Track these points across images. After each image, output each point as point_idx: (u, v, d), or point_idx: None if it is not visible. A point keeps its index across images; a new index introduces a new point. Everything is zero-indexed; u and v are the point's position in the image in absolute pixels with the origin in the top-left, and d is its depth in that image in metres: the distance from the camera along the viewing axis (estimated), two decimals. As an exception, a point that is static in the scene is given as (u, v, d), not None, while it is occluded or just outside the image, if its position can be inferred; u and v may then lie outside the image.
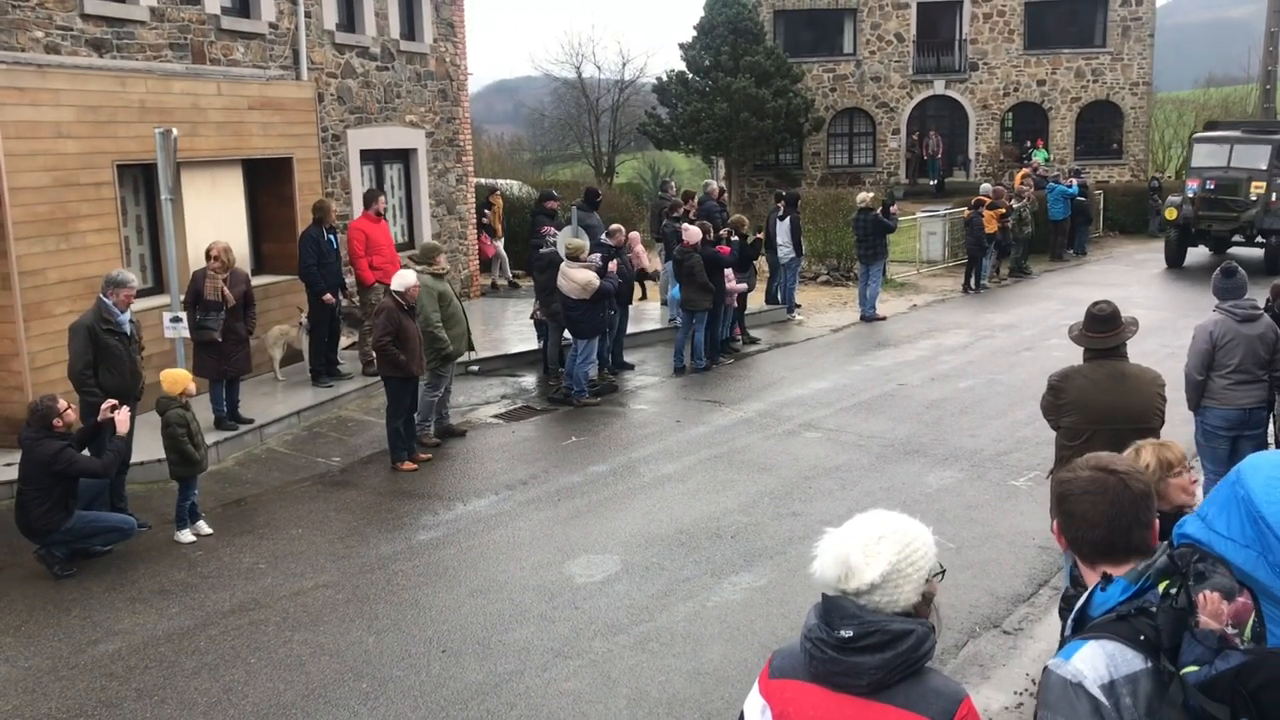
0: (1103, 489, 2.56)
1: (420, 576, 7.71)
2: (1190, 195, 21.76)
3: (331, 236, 12.36)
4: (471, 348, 11.76)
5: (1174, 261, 22.62)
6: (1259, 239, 21.64)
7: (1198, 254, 23.04)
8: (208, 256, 10.51)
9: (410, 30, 16.67)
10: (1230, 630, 2.32)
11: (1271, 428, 8.04)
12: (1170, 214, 22.23)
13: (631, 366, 14.04)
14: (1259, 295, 8.26)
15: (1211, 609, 2.33)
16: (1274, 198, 21.12)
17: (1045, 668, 2.41)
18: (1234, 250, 22.67)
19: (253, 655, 6.58)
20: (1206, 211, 21.51)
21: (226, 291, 10.41)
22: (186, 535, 8.46)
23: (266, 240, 13.63)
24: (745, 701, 2.64)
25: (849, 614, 2.42)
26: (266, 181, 13.43)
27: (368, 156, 15.72)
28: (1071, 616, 2.58)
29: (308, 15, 14.15)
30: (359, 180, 15.32)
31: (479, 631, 6.82)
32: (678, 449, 10.64)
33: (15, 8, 10.74)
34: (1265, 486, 2.31)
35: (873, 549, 2.44)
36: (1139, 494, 2.56)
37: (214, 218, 12.45)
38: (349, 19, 15.37)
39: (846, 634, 2.41)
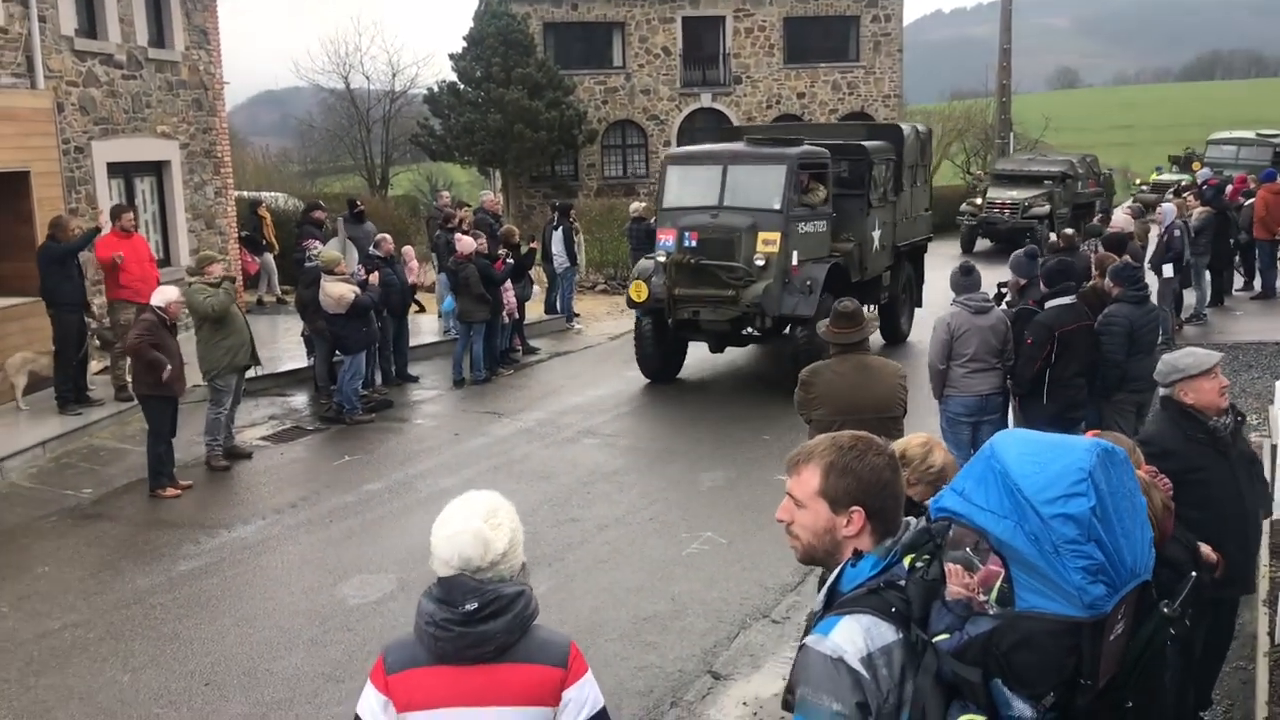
0: None
1: (181, 609, 7.31)
2: (664, 258, 12.61)
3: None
4: (256, 360, 11.14)
5: (656, 374, 13.41)
6: (784, 332, 12.77)
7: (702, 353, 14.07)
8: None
9: (159, 37, 15.81)
10: (981, 598, 2.46)
11: (1011, 414, 8.68)
12: (638, 292, 12.89)
13: (416, 378, 13.81)
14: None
15: (958, 579, 2.46)
16: (795, 261, 12.38)
17: (802, 645, 2.44)
18: (753, 347, 14.58)
19: (-10, 707, 6.08)
20: (687, 289, 12.34)
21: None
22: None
23: (3, 260, 12.64)
24: (359, 704, 2.80)
25: (469, 589, 2.72)
26: (1, 197, 12.45)
27: (116, 170, 14.79)
28: (822, 593, 2.63)
29: (42, 20, 13.18)
30: (107, 195, 14.40)
31: (245, 661, 6.54)
32: (456, 462, 10.52)
33: None
34: (1018, 461, 2.45)
35: (494, 522, 2.77)
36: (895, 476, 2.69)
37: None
38: (89, 24, 14.43)
39: (471, 607, 2.69)
